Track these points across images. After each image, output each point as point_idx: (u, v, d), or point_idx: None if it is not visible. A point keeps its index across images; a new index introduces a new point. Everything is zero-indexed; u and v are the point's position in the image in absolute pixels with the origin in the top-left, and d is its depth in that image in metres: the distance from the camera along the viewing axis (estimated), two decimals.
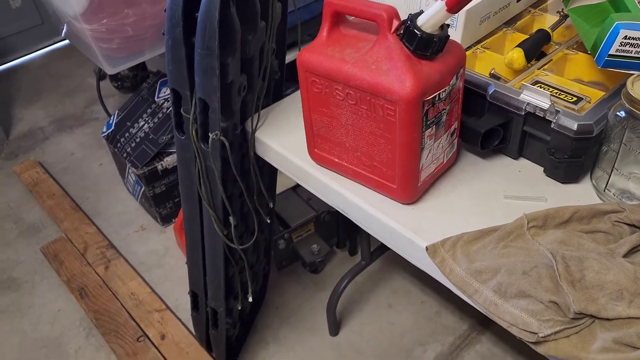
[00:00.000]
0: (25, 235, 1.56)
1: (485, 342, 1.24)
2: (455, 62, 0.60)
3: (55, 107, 2.02)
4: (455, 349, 1.23)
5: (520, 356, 1.20)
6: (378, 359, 1.21)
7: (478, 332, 1.26)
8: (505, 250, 0.57)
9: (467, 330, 1.26)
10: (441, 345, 1.24)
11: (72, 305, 1.36)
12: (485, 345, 1.23)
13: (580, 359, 0.48)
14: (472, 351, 1.23)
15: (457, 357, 1.22)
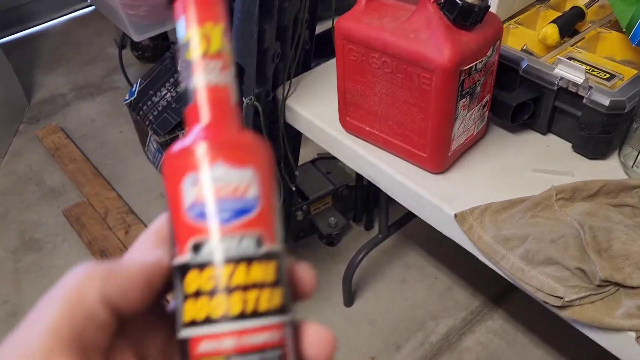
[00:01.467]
0: (47, 198, 1.59)
1: (497, 318, 1.27)
2: (492, 33, 0.61)
3: (76, 75, 2.04)
4: (467, 323, 1.26)
5: (531, 333, 1.23)
6: (391, 330, 1.24)
7: (490, 308, 1.28)
8: (533, 220, 0.59)
9: (479, 307, 1.29)
10: (453, 320, 1.26)
11: None
12: (496, 322, 1.26)
13: (604, 324, 0.50)
14: (484, 327, 1.25)
15: (468, 332, 1.24)
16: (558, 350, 1.19)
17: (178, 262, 0.21)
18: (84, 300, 0.18)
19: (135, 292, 0.19)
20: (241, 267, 0.20)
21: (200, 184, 0.20)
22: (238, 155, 0.21)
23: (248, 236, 0.20)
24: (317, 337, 0.21)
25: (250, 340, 0.20)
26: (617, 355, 0.52)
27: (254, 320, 0.20)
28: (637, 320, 0.49)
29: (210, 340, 0.20)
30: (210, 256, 0.20)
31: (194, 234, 0.20)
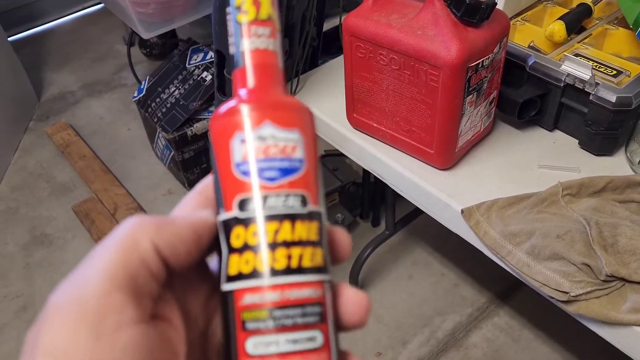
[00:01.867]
0: (57, 194, 1.61)
1: (503, 315, 1.27)
2: (499, 30, 0.61)
3: (85, 72, 2.06)
4: (473, 320, 1.26)
5: (537, 329, 1.23)
6: (397, 326, 1.25)
7: (496, 305, 1.29)
8: (539, 216, 0.59)
9: (486, 303, 1.29)
10: (459, 316, 1.27)
11: None
12: (502, 319, 1.26)
13: (609, 318, 0.51)
14: (490, 323, 1.26)
15: (474, 328, 1.25)
16: (564, 347, 1.19)
17: (224, 217, 0.21)
18: (138, 247, 0.19)
19: (184, 247, 0.20)
20: (286, 224, 0.20)
21: (249, 142, 0.21)
22: (286, 116, 0.21)
23: (293, 195, 0.21)
24: (353, 298, 0.22)
25: (293, 295, 0.20)
26: (622, 350, 0.53)
27: (297, 275, 0.20)
28: None
29: (254, 293, 0.20)
30: (255, 212, 0.20)
31: (241, 191, 0.21)
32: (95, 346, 0.17)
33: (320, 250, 0.21)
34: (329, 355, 0.21)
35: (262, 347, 0.20)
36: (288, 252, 0.20)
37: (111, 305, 0.17)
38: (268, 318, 0.20)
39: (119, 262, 0.18)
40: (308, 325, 0.20)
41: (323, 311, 0.21)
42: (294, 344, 0.20)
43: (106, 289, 0.18)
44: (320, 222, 0.22)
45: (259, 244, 0.20)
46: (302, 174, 0.21)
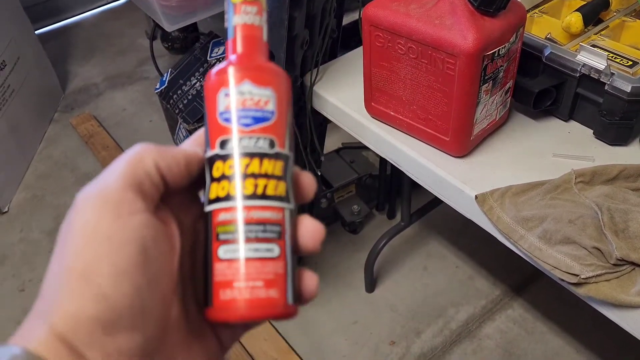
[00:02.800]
0: (81, 183, 1.66)
1: (517, 307, 1.28)
2: (516, 20, 0.62)
3: (108, 65, 2.11)
4: (487, 312, 1.27)
5: (551, 322, 1.24)
6: (411, 316, 1.27)
7: (510, 298, 1.30)
8: (552, 202, 0.61)
9: (500, 295, 1.30)
10: (473, 308, 1.28)
11: None
12: (517, 311, 1.27)
13: (618, 300, 0.52)
14: (504, 315, 1.27)
15: (488, 320, 1.26)
16: (577, 339, 1.19)
17: (209, 154, 0.26)
18: (142, 162, 0.24)
19: (177, 169, 0.25)
20: (255, 161, 0.25)
21: (230, 96, 0.26)
22: (262, 77, 0.26)
23: (263, 138, 0.26)
24: (311, 227, 0.27)
25: (256, 215, 0.25)
26: (631, 332, 0.54)
27: (261, 200, 0.25)
28: None
29: (227, 212, 0.25)
30: (232, 150, 0.26)
31: (223, 134, 0.26)
32: (116, 223, 0.22)
33: (284, 183, 0.26)
34: (285, 265, 0.25)
35: (229, 253, 0.25)
36: (255, 182, 0.25)
37: (125, 197, 0.23)
38: (235, 231, 0.25)
39: (129, 170, 0.24)
40: (267, 239, 0.25)
41: (281, 230, 0.26)
42: (255, 252, 0.25)
43: (122, 185, 0.23)
44: (285, 162, 0.26)
45: (233, 174, 0.25)
46: (272, 123, 0.26)
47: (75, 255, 0.22)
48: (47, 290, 0.22)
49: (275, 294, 0.25)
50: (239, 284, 0.24)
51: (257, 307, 0.24)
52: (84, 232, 0.22)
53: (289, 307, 0.25)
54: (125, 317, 0.21)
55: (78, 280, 0.21)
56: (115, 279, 0.21)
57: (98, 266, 0.21)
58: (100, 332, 0.21)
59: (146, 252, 0.23)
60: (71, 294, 0.21)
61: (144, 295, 0.22)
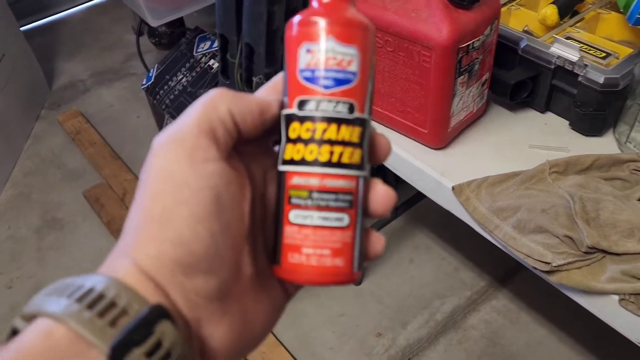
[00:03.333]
0: (68, 179, 1.66)
1: (502, 298, 1.29)
2: (490, 13, 0.63)
3: (95, 61, 2.10)
4: (472, 302, 1.29)
5: (535, 312, 1.26)
6: (398, 308, 1.28)
7: (495, 288, 1.31)
8: (526, 192, 0.62)
9: (485, 287, 1.32)
10: (458, 299, 1.30)
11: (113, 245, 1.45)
12: (501, 302, 1.29)
13: (589, 287, 0.53)
14: (488, 306, 1.28)
15: (473, 311, 1.27)
16: (560, 329, 1.21)
17: (286, 112, 0.26)
18: (216, 108, 0.24)
19: (250, 117, 0.25)
20: (333, 126, 0.25)
21: (313, 52, 0.25)
22: (347, 33, 0.25)
23: (343, 102, 0.25)
24: (382, 192, 0.27)
25: (329, 183, 0.25)
26: (601, 318, 0.55)
27: (335, 168, 0.25)
28: (620, 284, 0.52)
29: (301, 177, 0.25)
30: (311, 112, 0.25)
31: (302, 93, 0.25)
32: (191, 169, 0.23)
33: (360, 150, 0.25)
34: (353, 234, 0.26)
35: (300, 218, 0.25)
36: (331, 149, 0.25)
37: (200, 144, 0.23)
38: (307, 197, 0.25)
39: (203, 117, 0.24)
40: (338, 209, 0.25)
41: (353, 199, 0.25)
42: (324, 220, 0.25)
43: (195, 131, 0.24)
44: (363, 127, 0.26)
45: (309, 139, 0.25)
46: (354, 85, 0.25)
47: (154, 199, 0.23)
48: (129, 232, 0.23)
49: (341, 262, 0.25)
50: (307, 250, 0.25)
51: (322, 275, 0.25)
52: (161, 177, 0.23)
53: (353, 275, 0.26)
54: (202, 261, 0.22)
55: (158, 223, 0.22)
56: (192, 225, 0.22)
57: (176, 211, 0.22)
58: (180, 274, 0.22)
59: (219, 200, 0.23)
60: (152, 236, 0.22)
61: (218, 241, 0.23)
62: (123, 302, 0.21)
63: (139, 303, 0.21)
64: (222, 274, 0.23)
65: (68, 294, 0.21)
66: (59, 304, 0.21)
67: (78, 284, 0.21)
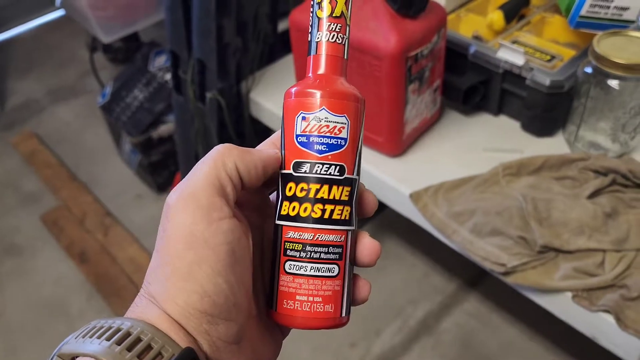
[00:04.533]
0: (24, 203, 1.60)
1: (472, 300, 1.31)
2: (436, 21, 0.64)
3: (50, 79, 2.04)
4: (444, 307, 1.30)
5: (505, 312, 1.27)
6: (370, 318, 1.28)
7: (465, 291, 1.32)
8: (482, 196, 0.63)
9: (455, 290, 1.33)
10: (430, 304, 1.30)
11: (73, 270, 1.40)
12: (472, 304, 1.30)
13: (544, 286, 0.54)
14: (460, 309, 1.29)
15: (445, 315, 1.28)
16: (530, 328, 1.23)
17: (283, 172, 0.28)
18: (225, 164, 0.26)
19: (255, 172, 0.27)
20: (325, 187, 0.27)
21: (308, 120, 0.28)
22: (339, 104, 0.28)
23: (334, 165, 0.27)
24: (368, 245, 0.29)
25: (321, 238, 0.27)
26: (557, 315, 0.56)
27: (327, 225, 0.27)
28: (573, 281, 0.53)
29: (295, 231, 0.28)
30: (305, 174, 0.28)
31: (297, 156, 0.28)
32: (209, 228, 0.25)
33: (349, 207, 0.28)
34: (342, 282, 0.28)
35: (295, 269, 0.27)
36: (323, 207, 0.27)
37: (214, 203, 0.25)
38: (301, 250, 0.27)
39: (214, 175, 0.26)
40: (329, 260, 0.28)
41: (343, 252, 0.28)
42: (317, 271, 0.27)
43: (209, 192, 0.25)
44: (352, 186, 0.28)
45: (304, 197, 0.27)
46: (344, 150, 0.28)
47: (178, 257, 0.25)
48: (155, 283, 0.25)
49: (331, 308, 0.28)
50: (300, 298, 0.27)
51: (314, 320, 0.27)
52: (183, 235, 0.25)
53: (342, 319, 0.28)
54: (224, 310, 0.25)
55: (184, 279, 0.25)
56: (214, 279, 0.25)
57: (199, 268, 0.25)
58: (205, 322, 0.25)
59: (234, 253, 0.25)
60: (179, 290, 0.25)
61: (235, 291, 0.25)
62: (158, 346, 0.23)
63: (172, 346, 0.23)
64: (239, 320, 0.26)
65: (107, 336, 0.23)
66: (100, 345, 0.23)
67: (115, 326, 0.24)
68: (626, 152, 0.67)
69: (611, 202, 0.59)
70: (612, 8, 0.67)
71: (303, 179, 0.27)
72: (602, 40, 0.62)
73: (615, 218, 0.58)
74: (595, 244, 0.54)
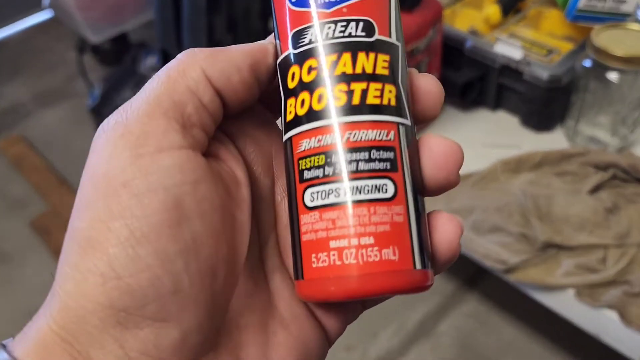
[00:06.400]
0: (12, 209, 1.57)
1: (471, 301, 1.29)
2: (432, 15, 0.63)
3: (37, 83, 2.01)
4: (441, 308, 1.28)
5: (503, 312, 1.26)
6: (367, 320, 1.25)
7: (464, 292, 1.31)
8: (480, 192, 0.61)
9: (453, 291, 1.31)
10: (428, 306, 1.29)
11: None
12: (470, 304, 1.28)
13: (546, 283, 0.52)
14: (458, 310, 1.28)
15: (443, 315, 1.27)
16: (530, 327, 1.22)
17: (280, 58, 0.18)
18: (185, 75, 0.17)
19: (238, 76, 0.18)
20: (346, 55, 0.17)
21: None
22: None
23: (355, 21, 0.18)
24: (441, 147, 0.18)
25: (355, 136, 0.17)
26: (559, 312, 0.55)
27: (359, 115, 0.17)
28: (575, 277, 0.51)
29: (310, 138, 0.17)
30: (310, 45, 0.18)
31: (295, 24, 0.18)
32: (134, 164, 0.16)
33: (393, 87, 0.18)
34: (405, 208, 0.17)
35: (320, 199, 0.17)
36: (348, 87, 0.17)
37: (153, 128, 0.16)
38: (325, 164, 0.17)
39: (164, 90, 0.17)
40: (375, 172, 0.17)
41: (396, 158, 0.17)
42: (357, 193, 0.17)
43: (151, 111, 0.17)
44: (392, 55, 0.18)
45: (315, 80, 0.17)
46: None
47: (82, 213, 0.16)
48: (58, 267, 0.16)
49: (394, 254, 0.16)
50: (336, 244, 0.16)
51: (368, 278, 0.16)
52: (94, 181, 0.16)
53: (416, 274, 0.17)
54: (151, 303, 0.15)
55: (83, 250, 0.15)
56: (132, 248, 0.15)
57: (107, 230, 0.15)
58: (114, 326, 0.15)
59: (181, 207, 0.16)
60: (74, 270, 0.15)
61: (176, 270, 0.15)
62: None
63: None
64: (187, 320, 0.16)
65: None
66: None
67: None
68: (626, 146, 0.66)
69: (612, 197, 0.58)
70: (610, 1, 0.66)
71: (309, 53, 0.17)
72: (600, 33, 0.61)
73: (616, 213, 0.57)
74: (597, 239, 0.53)
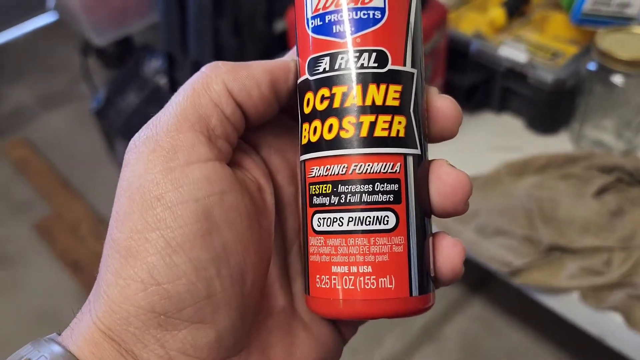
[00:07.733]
0: (16, 212, 1.57)
1: (476, 305, 1.29)
2: (437, 18, 0.63)
3: (41, 85, 2.02)
4: (446, 312, 1.28)
5: (509, 317, 1.26)
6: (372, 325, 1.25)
7: (469, 296, 1.31)
8: (485, 195, 0.61)
9: (459, 295, 1.31)
10: (433, 310, 1.27)
11: (67, 279, 1.38)
12: (475, 309, 1.28)
13: (551, 286, 0.52)
14: (463, 314, 1.27)
15: (448, 321, 1.26)
16: (536, 332, 1.22)
17: (299, 82, 0.19)
18: (209, 89, 0.18)
19: (259, 92, 0.19)
20: (357, 87, 0.18)
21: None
22: None
23: (368, 51, 0.18)
24: (450, 176, 0.19)
25: (360, 169, 0.18)
26: (564, 316, 0.55)
27: (366, 148, 0.18)
28: (580, 280, 0.51)
29: (320, 165, 0.18)
30: (325, 73, 0.18)
31: (311, 50, 0.18)
32: (165, 178, 0.17)
33: (404, 119, 0.18)
34: (406, 238, 0.18)
35: (326, 224, 0.18)
36: (357, 120, 0.17)
37: (182, 142, 0.18)
38: (332, 193, 0.18)
39: (189, 104, 0.18)
40: (378, 205, 0.18)
41: (400, 190, 0.18)
42: (358, 223, 0.18)
43: (177, 124, 0.18)
44: (404, 84, 0.18)
45: (326, 109, 0.18)
46: (382, 26, 0.18)
47: (118, 223, 0.17)
48: (100, 273, 0.18)
49: (390, 283, 0.18)
50: (338, 269, 0.17)
51: (365, 303, 0.18)
52: (129, 193, 0.17)
53: (410, 302, 0.18)
54: (187, 307, 0.16)
55: (124, 259, 0.16)
56: (168, 257, 0.16)
57: (145, 240, 0.16)
58: (155, 328, 0.16)
59: (210, 216, 0.17)
60: (116, 277, 0.17)
61: (209, 276, 0.17)
62: None
63: None
64: (222, 321, 0.17)
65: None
66: None
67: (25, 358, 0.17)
68: (631, 149, 0.66)
69: (616, 200, 0.58)
70: (614, 5, 0.66)
71: (323, 82, 0.18)
72: (605, 37, 0.61)
73: (621, 216, 0.57)
74: (602, 242, 0.53)
